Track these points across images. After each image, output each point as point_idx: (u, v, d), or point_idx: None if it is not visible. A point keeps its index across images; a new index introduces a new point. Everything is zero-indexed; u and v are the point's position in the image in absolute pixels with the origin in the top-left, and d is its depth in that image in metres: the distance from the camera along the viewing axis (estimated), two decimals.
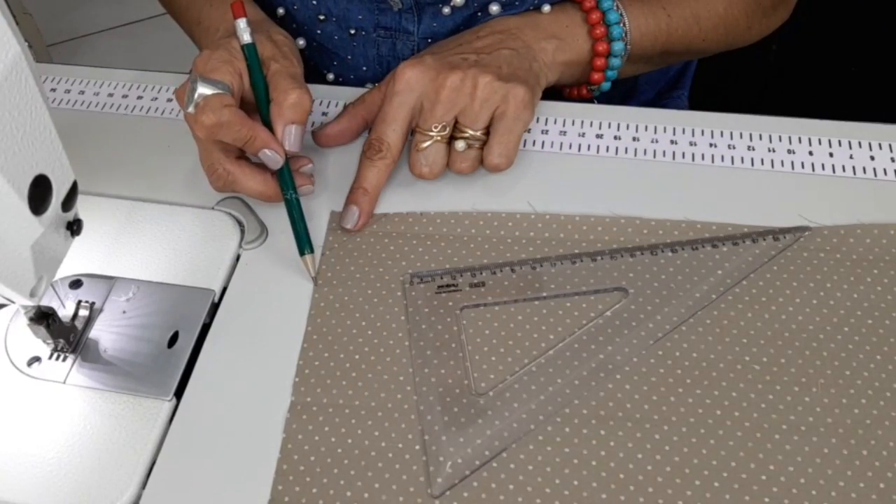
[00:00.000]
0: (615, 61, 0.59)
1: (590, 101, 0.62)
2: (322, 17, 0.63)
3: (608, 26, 0.57)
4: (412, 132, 0.53)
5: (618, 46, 0.58)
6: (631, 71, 0.62)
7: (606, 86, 0.61)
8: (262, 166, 0.51)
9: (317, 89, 0.61)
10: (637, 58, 0.60)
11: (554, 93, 0.60)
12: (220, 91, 0.49)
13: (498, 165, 0.52)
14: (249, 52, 0.52)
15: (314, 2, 0.62)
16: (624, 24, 0.58)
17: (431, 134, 0.52)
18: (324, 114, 0.60)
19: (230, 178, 0.51)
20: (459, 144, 0.52)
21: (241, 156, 0.52)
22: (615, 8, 0.58)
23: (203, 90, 0.48)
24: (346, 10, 0.62)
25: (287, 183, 0.51)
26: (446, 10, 0.60)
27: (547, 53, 0.56)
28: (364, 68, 0.64)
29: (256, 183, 0.51)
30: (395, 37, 0.63)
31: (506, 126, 0.52)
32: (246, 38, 0.52)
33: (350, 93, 0.60)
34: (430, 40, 0.63)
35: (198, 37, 0.61)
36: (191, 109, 0.48)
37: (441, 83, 0.51)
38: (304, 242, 0.50)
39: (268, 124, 0.51)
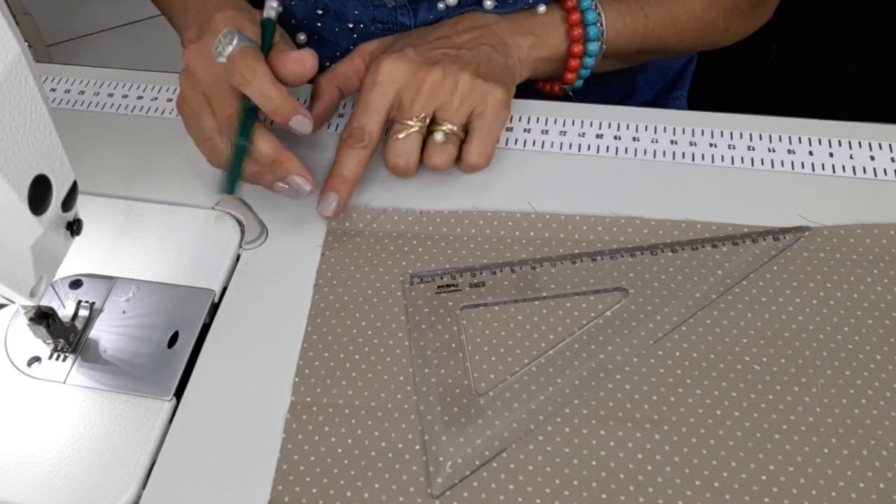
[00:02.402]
0: (589, 61, 0.59)
1: (561, 97, 0.62)
2: (320, 12, 0.63)
3: (585, 27, 0.57)
4: (390, 124, 0.53)
5: (593, 47, 0.58)
6: (604, 67, 0.62)
7: (579, 84, 0.61)
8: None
9: None
10: (612, 55, 0.60)
11: (526, 86, 0.59)
12: (253, 45, 0.49)
13: (477, 164, 0.52)
14: (268, 26, 0.53)
15: None
16: (601, 24, 0.58)
17: (410, 124, 0.51)
18: None
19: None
20: (438, 136, 0.52)
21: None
22: (594, 7, 0.58)
23: (241, 42, 0.48)
24: (342, 5, 0.62)
25: (246, 130, 0.50)
26: (441, 5, 0.60)
27: (522, 50, 0.56)
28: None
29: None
30: (394, 30, 0.63)
31: (485, 125, 0.52)
32: (272, 14, 0.53)
33: None
34: None
35: (179, 23, 0.60)
36: (222, 59, 0.48)
37: (423, 78, 0.51)
38: (232, 185, 0.51)
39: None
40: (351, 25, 0.63)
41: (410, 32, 0.58)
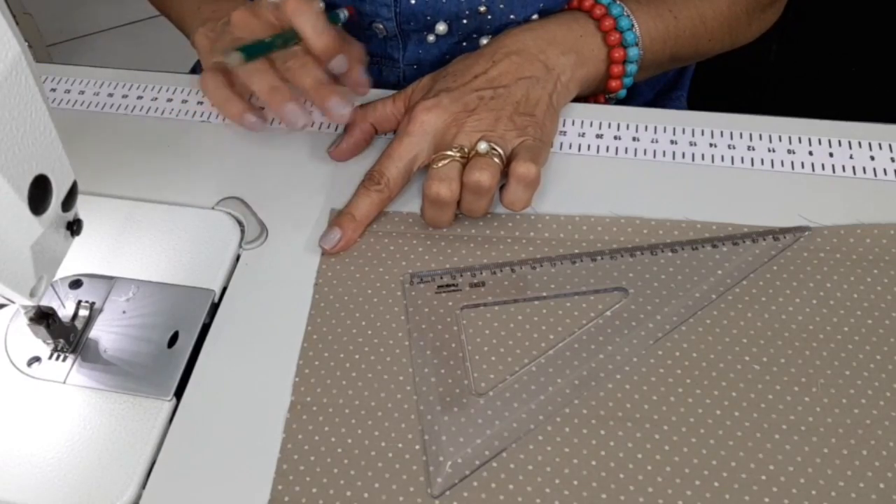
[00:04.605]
0: (632, 67, 0.58)
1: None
2: None
3: (621, 32, 0.56)
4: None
5: (633, 52, 0.57)
6: (641, 77, 0.61)
7: (622, 93, 0.60)
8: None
9: None
10: (648, 63, 0.59)
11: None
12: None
13: (527, 173, 0.49)
14: (332, 17, 0.55)
15: None
16: (635, 30, 0.57)
17: (449, 154, 0.50)
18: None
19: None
20: (482, 146, 0.49)
21: None
22: (625, 14, 0.57)
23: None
24: None
25: (288, 38, 0.52)
26: (431, 38, 0.60)
27: (566, 72, 0.55)
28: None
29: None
30: (381, 63, 0.64)
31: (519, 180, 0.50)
32: (341, 15, 0.57)
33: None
34: (415, 67, 0.63)
35: (189, 23, 0.61)
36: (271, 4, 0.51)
37: (458, 126, 0.51)
38: (250, 49, 0.51)
39: None
40: None
41: (448, 69, 0.55)
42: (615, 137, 0.57)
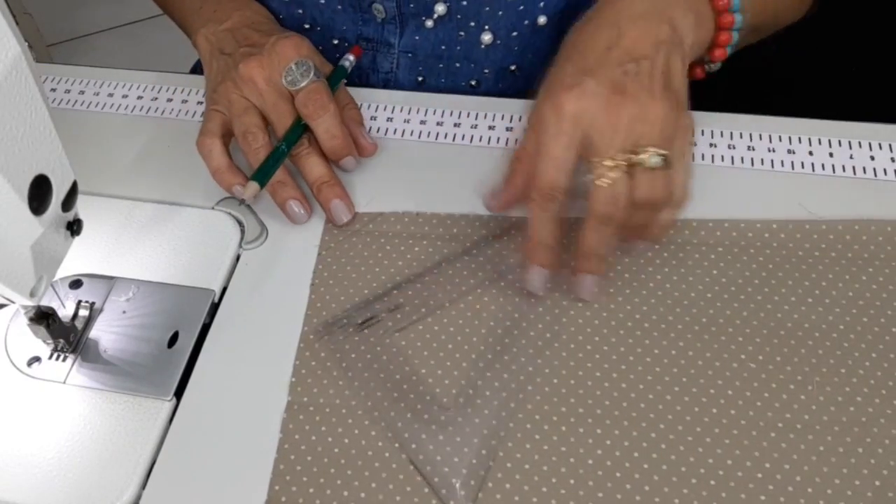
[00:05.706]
0: (735, 35, 0.52)
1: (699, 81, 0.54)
2: (307, 27, 0.63)
3: None
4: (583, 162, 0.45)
5: (738, 18, 0.51)
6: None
7: (717, 66, 0.53)
8: None
9: None
10: (744, 33, 0.53)
11: None
12: (324, 81, 0.53)
13: (685, 201, 0.46)
14: (340, 72, 0.57)
15: (300, 11, 0.62)
16: None
17: (611, 164, 0.43)
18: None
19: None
20: (653, 159, 0.43)
21: None
22: None
23: (316, 76, 0.52)
24: (330, 19, 0.62)
25: (291, 139, 0.52)
26: (429, 23, 0.60)
27: (689, 35, 0.48)
28: (343, 81, 0.65)
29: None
30: (376, 49, 0.63)
31: (683, 154, 0.45)
32: (346, 64, 0.57)
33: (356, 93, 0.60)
34: (410, 55, 0.63)
35: (190, 22, 0.60)
36: (293, 88, 0.52)
37: (616, 116, 0.44)
38: (262, 175, 0.51)
39: None
40: (336, 42, 0.64)
41: (565, 52, 0.48)
42: None
